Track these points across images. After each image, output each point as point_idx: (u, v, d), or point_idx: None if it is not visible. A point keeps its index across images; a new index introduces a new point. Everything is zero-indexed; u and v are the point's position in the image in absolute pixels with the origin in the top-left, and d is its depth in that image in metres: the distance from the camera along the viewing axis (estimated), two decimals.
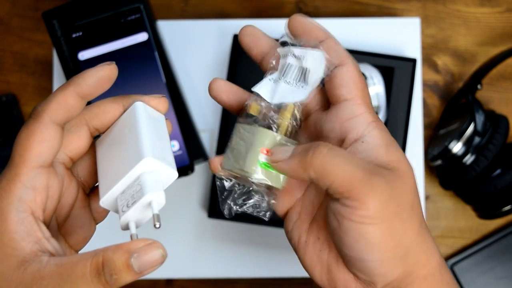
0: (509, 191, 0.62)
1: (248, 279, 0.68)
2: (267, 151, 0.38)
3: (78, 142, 0.38)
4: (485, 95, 0.69)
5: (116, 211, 0.36)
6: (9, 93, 0.69)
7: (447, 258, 0.67)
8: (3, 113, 0.68)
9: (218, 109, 0.67)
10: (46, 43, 0.70)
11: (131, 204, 0.35)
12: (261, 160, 0.38)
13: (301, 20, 0.40)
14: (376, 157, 0.36)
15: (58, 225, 0.38)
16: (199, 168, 0.67)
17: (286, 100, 0.39)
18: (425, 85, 0.70)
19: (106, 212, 0.40)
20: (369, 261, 0.35)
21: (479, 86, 0.63)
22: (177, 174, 0.37)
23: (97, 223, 0.40)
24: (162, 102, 0.39)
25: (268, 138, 0.38)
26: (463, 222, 0.68)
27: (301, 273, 0.67)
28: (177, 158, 0.62)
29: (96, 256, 0.31)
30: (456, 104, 0.67)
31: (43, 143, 0.34)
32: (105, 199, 0.36)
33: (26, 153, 0.34)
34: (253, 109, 0.40)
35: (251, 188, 0.39)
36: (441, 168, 0.65)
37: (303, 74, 0.39)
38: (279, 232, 0.66)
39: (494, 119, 0.63)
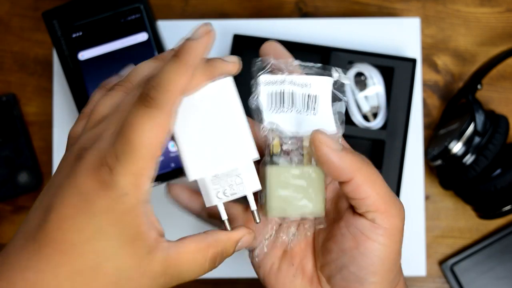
0: (509, 191, 0.62)
1: (248, 279, 0.68)
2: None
3: None
4: (485, 95, 0.69)
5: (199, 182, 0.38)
6: (9, 93, 0.69)
7: (447, 258, 0.67)
8: (3, 113, 0.68)
9: None
10: (46, 43, 0.70)
11: (229, 194, 0.38)
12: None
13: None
14: None
15: None
16: None
17: (327, 128, 0.38)
18: (425, 85, 0.70)
19: None
20: (370, 283, 0.37)
21: (479, 86, 0.63)
22: (258, 156, 0.38)
23: None
24: (237, 65, 0.39)
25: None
26: (463, 222, 0.68)
27: None
28: (178, 159, 0.62)
29: (212, 247, 0.36)
30: (456, 104, 0.67)
31: (166, 135, 0.34)
32: (197, 177, 0.37)
33: (152, 146, 0.33)
34: (277, 147, 0.39)
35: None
36: (441, 168, 0.65)
37: (312, 101, 0.39)
38: None
39: (494, 119, 0.63)
